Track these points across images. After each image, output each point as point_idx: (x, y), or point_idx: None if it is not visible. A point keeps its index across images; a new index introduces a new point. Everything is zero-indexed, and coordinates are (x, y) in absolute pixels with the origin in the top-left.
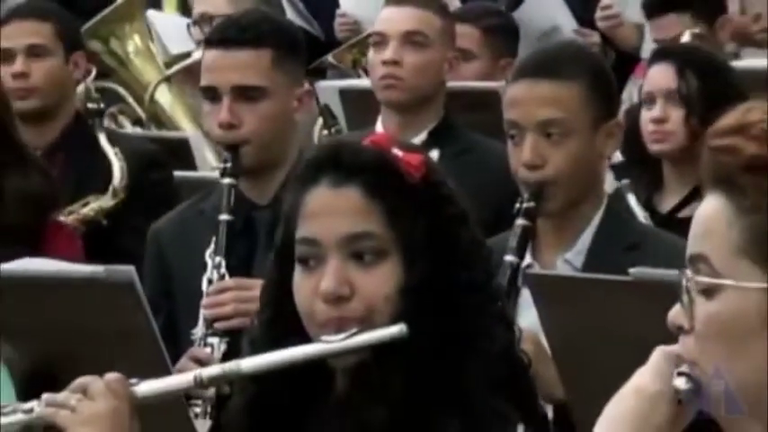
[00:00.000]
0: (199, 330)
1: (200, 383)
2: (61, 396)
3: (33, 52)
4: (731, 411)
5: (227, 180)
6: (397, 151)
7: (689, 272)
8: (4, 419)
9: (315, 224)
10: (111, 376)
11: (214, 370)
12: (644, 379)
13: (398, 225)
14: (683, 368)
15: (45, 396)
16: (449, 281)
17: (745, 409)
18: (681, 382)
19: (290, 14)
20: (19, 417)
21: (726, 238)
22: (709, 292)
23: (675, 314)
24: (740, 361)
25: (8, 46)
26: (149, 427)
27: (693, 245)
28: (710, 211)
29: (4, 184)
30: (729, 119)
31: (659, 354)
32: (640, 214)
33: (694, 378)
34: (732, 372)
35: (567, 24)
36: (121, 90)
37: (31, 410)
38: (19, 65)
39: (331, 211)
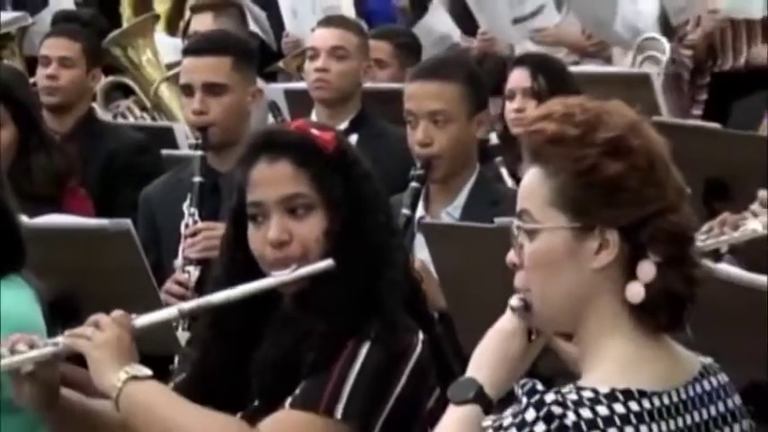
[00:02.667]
0: (179, 261)
1: (182, 314)
2: (79, 329)
3: (63, 62)
4: (548, 327)
5: (198, 152)
6: (314, 131)
7: (517, 222)
8: (38, 351)
9: (259, 191)
10: (116, 312)
11: (192, 303)
12: (503, 322)
13: (320, 185)
14: (519, 295)
15: (67, 331)
16: (360, 223)
17: (559, 324)
18: (514, 301)
19: (254, 27)
20: (50, 348)
21: (539, 195)
22: (531, 235)
23: (511, 255)
24: (553, 287)
25: (46, 54)
26: (143, 338)
27: (519, 203)
28: (529, 177)
29: (31, 162)
30: (539, 111)
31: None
32: (509, 181)
33: (526, 300)
34: (548, 295)
35: (454, 33)
36: (134, 85)
37: (57, 343)
38: (52, 69)
39: (270, 180)
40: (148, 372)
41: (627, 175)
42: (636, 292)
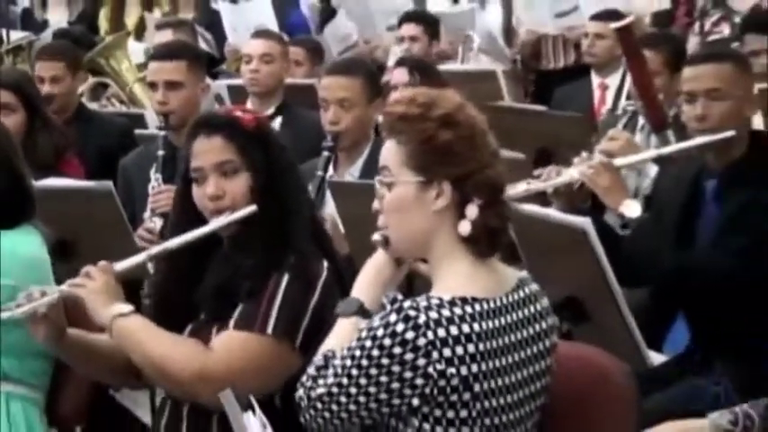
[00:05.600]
0: (147, 214)
1: (150, 258)
2: (76, 280)
3: (54, 79)
4: (402, 254)
5: (162, 133)
6: (239, 114)
7: (379, 177)
8: (49, 297)
9: (199, 158)
10: (101, 263)
11: (157, 249)
12: (377, 255)
13: (245, 154)
14: (381, 231)
15: (67, 281)
16: (276, 182)
17: (411, 253)
18: (376, 236)
19: (202, 44)
20: (56, 294)
21: (395, 156)
22: (389, 187)
23: (375, 203)
24: (405, 225)
25: (40, 75)
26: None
27: (381, 162)
28: (388, 145)
29: (36, 138)
30: (393, 98)
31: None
32: None
33: (385, 236)
34: (402, 232)
35: (354, 33)
36: (113, 85)
37: (61, 290)
38: (47, 87)
39: (207, 150)
40: (131, 308)
41: (455, 142)
42: (464, 227)
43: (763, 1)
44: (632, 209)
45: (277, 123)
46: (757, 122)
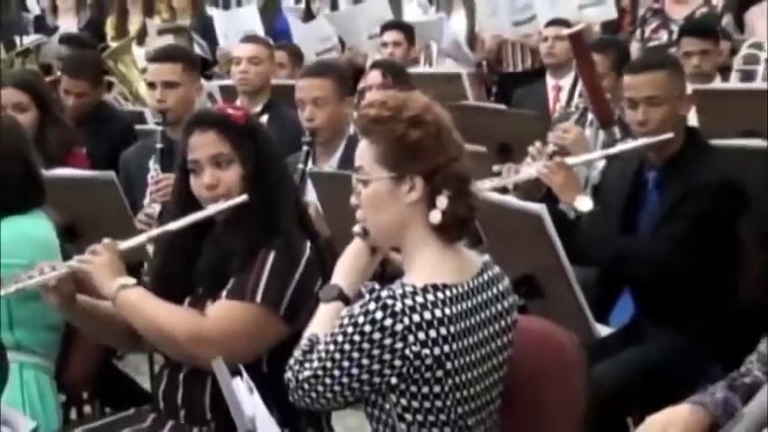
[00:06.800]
0: (147, 200)
1: (150, 239)
2: (83, 256)
3: (79, 95)
4: (380, 244)
5: (160, 128)
6: (229, 110)
7: (355, 175)
8: (58, 272)
9: (195, 152)
10: (106, 240)
11: (157, 231)
12: (354, 243)
13: (237, 147)
14: (360, 224)
15: (75, 257)
16: (264, 172)
17: (388, 242)
18: (356, 228)
19: (197, 48)
20: (65, 269)
21: (368, 155)
22: (364, 184)
23: (353, 198)
24: (381, 218)
25: (66, 88)
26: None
27: (356, 161)
28: (362, 145)
29: (47, 134)
30: (366, 101)
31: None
32: None
33: (365, 228)
34: (379, 224)
35: (333, 35)
36: (121, 85)
37: (70, 266)
38: (72, 101)
39: (202, 144)
40: (134, 280)
41: (423, 140)
42: (435, 216)
43: (696, 11)
44: (584, 203)
45: (264, 120)
46: (692, 119)
